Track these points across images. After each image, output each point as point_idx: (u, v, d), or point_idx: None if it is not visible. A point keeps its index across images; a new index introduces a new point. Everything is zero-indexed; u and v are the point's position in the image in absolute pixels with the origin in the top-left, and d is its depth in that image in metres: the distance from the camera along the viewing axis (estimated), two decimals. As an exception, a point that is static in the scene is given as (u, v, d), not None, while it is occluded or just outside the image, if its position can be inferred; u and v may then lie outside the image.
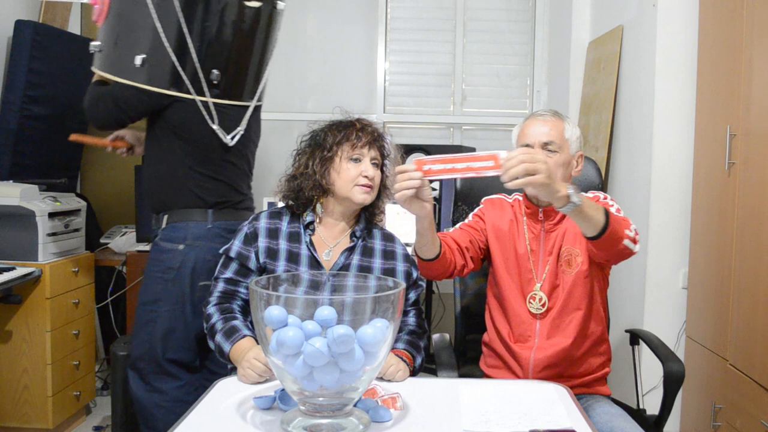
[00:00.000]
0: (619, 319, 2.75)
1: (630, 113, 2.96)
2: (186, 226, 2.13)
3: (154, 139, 2.17)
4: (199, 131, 2.13)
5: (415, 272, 1.80)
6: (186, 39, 2.05)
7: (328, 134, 1.74)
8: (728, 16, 2.31)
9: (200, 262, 2.11)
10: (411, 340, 1.72)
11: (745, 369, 2.11)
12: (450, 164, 1.41)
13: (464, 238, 1.80)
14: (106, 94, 2.12)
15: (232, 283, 1.74)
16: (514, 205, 1.87)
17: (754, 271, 2.08)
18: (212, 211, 2.16)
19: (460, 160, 1.41)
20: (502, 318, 1.82)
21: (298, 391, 1.21)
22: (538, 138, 1.75)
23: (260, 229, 1.75)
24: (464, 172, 1.41)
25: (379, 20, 4.21)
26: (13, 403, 2.66)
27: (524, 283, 1.78)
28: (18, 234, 2.62)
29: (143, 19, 2.03)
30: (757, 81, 2.09)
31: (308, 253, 1.72)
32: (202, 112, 2.11)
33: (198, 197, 2.15)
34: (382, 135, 1.77)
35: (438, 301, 3.84)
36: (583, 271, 1.74)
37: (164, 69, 2.06)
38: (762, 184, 2.04)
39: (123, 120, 2.15)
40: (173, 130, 2.12)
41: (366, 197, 1.71)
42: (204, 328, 1.73)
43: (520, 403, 1.41)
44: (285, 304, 1.20)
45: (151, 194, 2.20)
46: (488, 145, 4.13)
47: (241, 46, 2.19)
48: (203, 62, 2.08)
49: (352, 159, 1.71)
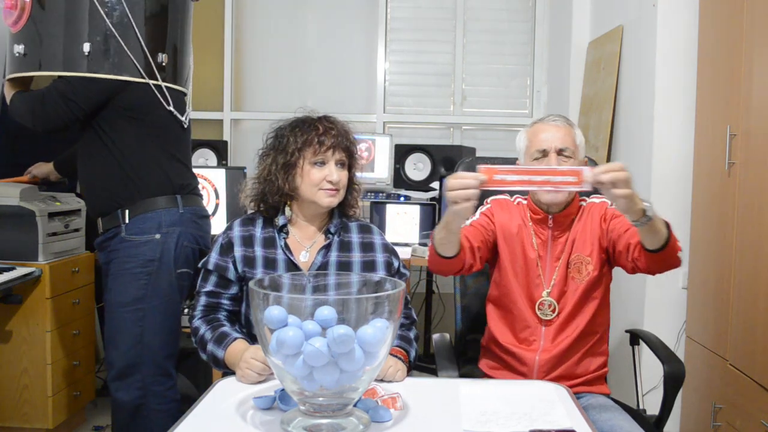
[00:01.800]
0: (619, 319, 2.74)
1: (630, 113, 2.96)
2: (157, 214, 2.08)
3: (102, 134, 2.08)
4: (156, 113, 2.10)
5: (396, 261, 1.76)
6: (131, 22, 2.02)
7: (290, 138, 1.67)
8: (728, 16, 2.31)
9: (179, 249, 2.07)
10: (402, 334, 1.70)
11: (745, 369, 2.11)
12: (526, 176, 1.40)
13: (477, 237, 1.78)
14: (49, 93, 2.04)
15: (214, 296, 1.70)
16: (519, 208, 1.86)
17: (754, 271, 2.07)
18: (180, 196, 2.13)
19: (537, 172, 1.40)
20: (504, 321, 1.82)
21: (298, 391, 1.21)
22: (554, 144, 1.73)
23: (234, 238, 1.70)
24: (542, 185, 1.40)
25: (379, 20, 4.21)
26: (13, 403, 2.66)
27: (532, 289, 1.78)
28: (18, 234, 2.62)
29: (79, 8, 2.00)
30: (757, 81, 2.09)
31: (284, 257, 1.68)
32: (154, 95, 2.08)
33: (164, 181, 2.11)
34: (347, 134, 1.70)
35: (438, 301, 3.84)
36: (593, 278, 1.75)
37: (113, 55, 2.01)
38: (762, 184, 2.04)
39: (77, 114, 2.04)
40: (128, 115, 2.06)
41: (332, 200, 1.67)
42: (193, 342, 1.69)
43: (520, 403, 1.41)
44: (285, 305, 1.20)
45: (105, 192, 2.11)
46: (488, 145, 4.13)
47: (173, 28, 2.18)
48: (148, 45, 2.06)
49: (316, 163, 1.65)
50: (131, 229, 2.07)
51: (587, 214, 1.80)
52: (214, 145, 3.73)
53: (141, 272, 2.05)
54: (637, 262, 1.65)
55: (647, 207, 1.45)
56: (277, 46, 4.29)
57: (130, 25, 2.02)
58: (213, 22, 4.20)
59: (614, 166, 1.40)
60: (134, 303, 2.05)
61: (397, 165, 3.69)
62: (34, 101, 2.06)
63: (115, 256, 2.09)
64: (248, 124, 4.34)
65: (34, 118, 2.07)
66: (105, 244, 2.15)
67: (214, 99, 4.21)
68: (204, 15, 3.52)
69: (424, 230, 3.29)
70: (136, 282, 2.05)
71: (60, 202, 2.79)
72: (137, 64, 2.05)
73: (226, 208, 3.23)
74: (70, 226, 2.84)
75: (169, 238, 2.07)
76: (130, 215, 2.08)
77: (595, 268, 1.75)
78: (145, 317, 2.04)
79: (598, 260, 1.75)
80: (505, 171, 1.40)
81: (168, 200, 2.10)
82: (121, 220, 2.08)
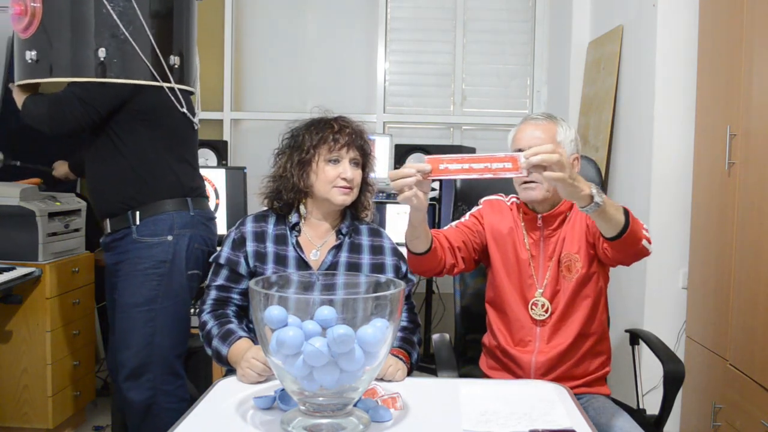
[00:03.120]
0: (619, 319, 2.74)
1: (630, 113, 2.96)
2: (169, 216, 2.10)
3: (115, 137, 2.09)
4: (170, 116, 2.13)
5: (404, 266, 1.79)
6: (143, 26, 2.03)
7: (306, 136, 1.71)
8: (728, 16, 2.31)
9: (190, 251, 2.10)
10: (404, 337, 1.72)
11: (745, 369, 2.11)
12: (467, 164, 1.39)
13: (457, 237, 1.79)
14: (66, 98, 2.05)
15: (224, 290, 1.73)
16: (512, 208, 1.86)
17: (754, 271, 2.08)
18: (190, 199, 2.16)
19: (477, 160, 1.39)
20: (500, 322, 1.82)
21: (298, 391, 1.21)
22: (530, 142, 1.71)
23: (247, 233, 1.73)
24: (482, 173, 1.39)
25: (379, 20, 4.21)
26: (13, 403, 2.66)
27: (525, 289, 1.78)
28: (18, 234, 2.62)
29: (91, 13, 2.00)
30: (757, 81, 2.09)
31: (295, 255, 1.71)
32: (167, 98, 2.10)
33: (175, 184, 2.13)
34: (362, 134, 1.74)
35: (438, 301, 3.84)
36: (582, 275, 1.74)
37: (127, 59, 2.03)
38: (762, 184, 2.04)
39: (93, 118, 2.06)
40: (142, 118, 2.08)
41: (345, 198, 1.70)
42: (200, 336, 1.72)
43: (520, 403, 1.41)
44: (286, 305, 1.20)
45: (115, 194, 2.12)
46: (488, 145, 4.13)
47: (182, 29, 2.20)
48: (160, 48, 2.08)
49: (331, 161, 1.69)
50: (143, 230, 2.09)
51: (577, 211, 1.79)
52: (214, 145, 3.73)
53: (153, 273, 2.07)
54: (606, 252, 1.64)
55: (594, 193, 1.41)
56: (277, 46, 4.29)
57: (142, 28, 2.04)
58: (213, 22, 4.19)
59: (543, 148, 1.36)
60: (147, 303, 2.07)
61: (397, 165, 3.69)
62: (50, 105, 2.08)
63: (126, 257, 2.11)
64: (248, 124, 4.34)
65: (51, 121, 2.08)
66: (113, 244, 2.16)
67: (214, 99, 4.21)
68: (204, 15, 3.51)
69: (424, 230, 3.28)
70: (148, 283, 2.07)
71: (60, 202, 2.79)
72: (151, 67, 2.07)
73: (226, 208, 3.23)
74: (70, 226, 2.84)
75: (180, 240, 2.10)
76: (140, 217, 2.10)
77: (583, 266, 1.74)
78: (156, 317, 2.06)
79: (586, 257, 1.74)
80: (449, 160, 1.41)
81: (179, 203, 2.13)
82: (132, 221, 2.10)
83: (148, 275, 2.07)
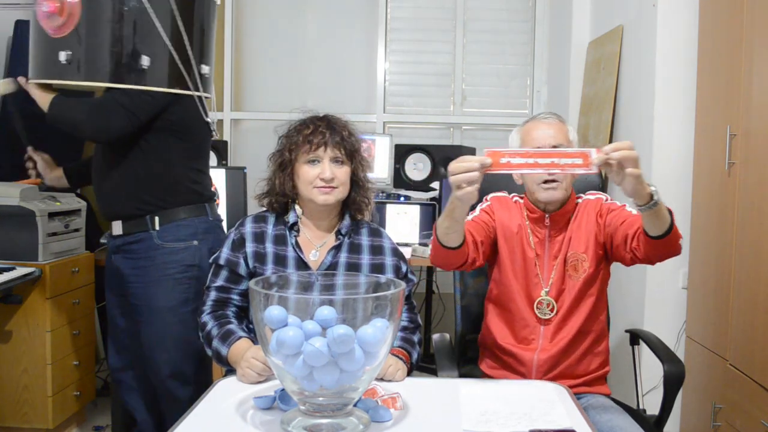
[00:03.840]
0: (619, 319, 2.74)
1: (630, 113, 2.97)
2: (192, 222, 2.14)
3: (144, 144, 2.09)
4: (196, 126, 2.15)
5: (404, 266, 1.78)
6: (182, 36, 2.04)
7: (284, 139, 1.73)
8: (728, 16, 2.31)
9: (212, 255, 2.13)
10: (405, 336, 1.71)
11: (745, 369, 2.11)
12: (533, 158, 1.36)
13: (480, 232, 1.77)
14: (110, 104, 2.04)
15: (224, 291, 1.73)
16: (517, 206, 1.85)
17: (754, 271, 2.08)
18: (208, 205, 2.21)
19: (543, 155, 1.37)
20: (503, 320, 1.82)
21: (298, 391, 1.21)
22: (547, 141, 1.73)
23: (246, 234, 1.73)
24: (548, 168, 1.38)
25: (379, 20, 4.21)
26: (13, 403, 2.66)
27: (531, 288, 1.78)
28: (18, 234, 2.62)
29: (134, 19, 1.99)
30: (757, 81, 2.09)
31: (295, 255, 1.71)
32: (196, 108, 2.12)
33: (195, 192, 2.17)
34: (341, 130, 1.70)
35: (438, 301, 3.84)
36: (590, 275, 1.75)
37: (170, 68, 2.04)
38: (762, 184, 2.04)
39: (135, 126, 2.06)
40: (171, 128, 2.10)
41: (327, 197, 1.68)
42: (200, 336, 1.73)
43: (520, 403, 1.41)
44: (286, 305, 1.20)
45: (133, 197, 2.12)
46: (488, 145, 4.11)
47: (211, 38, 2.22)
48: (196, 58, 2.10)
49: (309, 161, 1.68)
50: (165, 236, 2.11)
51: (583, 211, 1.80)
52: (214, 145, 3.72)
53: (183, 277, 2.11)
54: (636, 251, 1.62)
55: (654, 191, 1.43)
56: (277, 46, 4.29)
57: (181, 38, 2.04)
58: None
59: (623, 144, 1.37)
60: (180, 306, 2.11)
61: (397, 165, 3.69)
62: (91, 111, 2.07)
63: (152, 262, 2.12)
64: (248, 124, 4.34)
65: (91, 127, 2.07)
66: (126, 248, 2.16)
67: (215, 99, 4.21)
68: (204, 15, 3.52)
69: (424, 230, 3.29)
70: (179, 286, 2.11)
71: (60, 202, 2.79)
72: (187, 76, 2.07)
73: (226, 208, 3.23)
74: (70, 226, 2.84)
75: (204, 245, 2.14)
76: (160, 222, 2.12)
77: (591, 265, 1.74)
78: (190, 318, 2.08)
79: (594, 257, 1.75)
80: (510, 154, 1.37)
81: (199, 209, 2.17)
82: (150, 226, 2.12)
83: (178, 279, 2.11)
